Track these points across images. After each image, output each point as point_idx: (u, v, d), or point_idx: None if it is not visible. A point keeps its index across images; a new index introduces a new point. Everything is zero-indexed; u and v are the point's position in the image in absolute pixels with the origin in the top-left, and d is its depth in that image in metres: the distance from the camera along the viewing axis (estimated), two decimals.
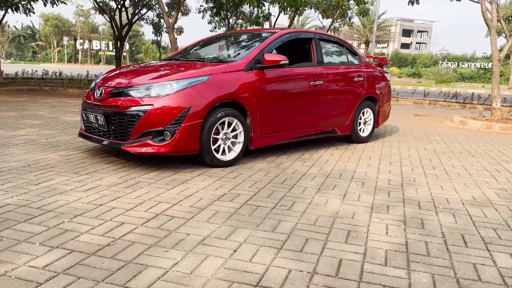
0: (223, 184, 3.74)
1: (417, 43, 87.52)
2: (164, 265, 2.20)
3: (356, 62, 6.08)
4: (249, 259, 2.31)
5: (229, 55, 5.19)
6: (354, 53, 6.10)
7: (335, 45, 5.89)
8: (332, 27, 18.61)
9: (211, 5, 17.55)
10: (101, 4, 19.32)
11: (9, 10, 17.45)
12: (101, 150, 4.91)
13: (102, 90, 4.28)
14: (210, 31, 20.70)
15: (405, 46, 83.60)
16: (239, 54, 4.88)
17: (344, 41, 6.06)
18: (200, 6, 18.65)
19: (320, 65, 5.37)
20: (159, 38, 23.92)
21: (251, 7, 17.52)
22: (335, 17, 16.91)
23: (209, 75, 4.22)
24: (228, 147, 4.42)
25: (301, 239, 2.61)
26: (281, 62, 4.59)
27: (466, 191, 3.88)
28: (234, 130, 4.43)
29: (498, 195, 3.80)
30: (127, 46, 56.50)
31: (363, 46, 54.37)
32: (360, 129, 6.14)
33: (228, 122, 4.35)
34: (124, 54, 53.65)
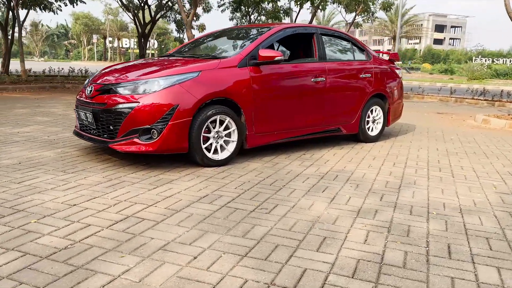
0: (209, 185, 3.61)
1: (450, 38, 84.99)
2: (114, 271, 2.09)
3: (363, 57, 5.82)
4: (207, 267, 2.17)
5: (225, 51, 5.05)
6: (361, 49, 5.85)
7: (340, 40, 5.66)
8: (355, 22, 18.19)
9: (231, 0, 17.49)
10: (125, 2, 19.54)
11: (38, 9, 17.91)
12: (97, 148, 4.88)
13: (92, 87, 4.23)
14: None
15: (438, 42, 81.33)
16: (235, 50, 4.73)
17: (350, 36, 5.81)
18: (220, 0, 18.49)
19: (322, 61, 5.16)
20: (181, 36, 24.03)
21: (271, 3, 17.37)
22: (357, 12, 16.50)
23: (199, 71, 4.09)
24: (221, 146, 4.29)
25: (270, 245, 2.45)
26: (276, 58, 4.42)
27: (468, 195, 3.62)
28: (227, 128, 4.30)
29: (503, 200, 3.52)
30: (155, 43, 57.17)
31: (386, 42, 53.09)
32: (368, 128, 5.89)
33: (220, 120, 4.21)
34: (153, 51, 54.34)
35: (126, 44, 61.34)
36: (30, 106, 8.63)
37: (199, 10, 21.02)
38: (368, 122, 5.87)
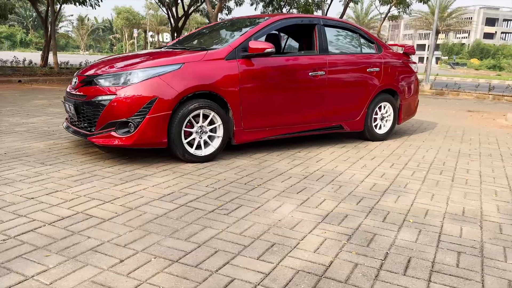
0: (180, 182, 3.47)
1: (502, 32, 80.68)
2: (29, 272, 1.99)
3: (371, 50, 5.49)
4: (128, 272, 2.03)
5: (222, 42, 4.86)
6: (371, 41, 5.51)
7: (346, 32, 5.34)
8: (391, 15, 17.51)
9: None
10: None
11: (77, 4, 18.39)
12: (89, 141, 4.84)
13: (77, 78, 4.18)
14: None
15: (488, 36, 77.39)
16: (226, 41, 4.55)
17: (358, 27, 5.48)
18: None
19: (323, 53, 4.88)
20: None
21: None
22: (392, 3, 15.84)
23: (182, 63, 3.95)
24: (205, 141, 4.13)
25: (210, 250, 2.28)
26: (266, 50, 4.20)
27: (460, 202, 3.28)
28: (212, 123, 4.14)
29: (498, 209, 3.17)
30: None
31: (432, 36, 50.99)
32: (376, 126, 5.56)
33: (204, 114, 4.06)
34: None
35: (166, 39, 62.38)
36: (49, 98, 8.82)
37: (231, 3, 20.93)
38: (375, 119, 5.54)
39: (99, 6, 20.46)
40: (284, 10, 19.41)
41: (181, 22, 20.22)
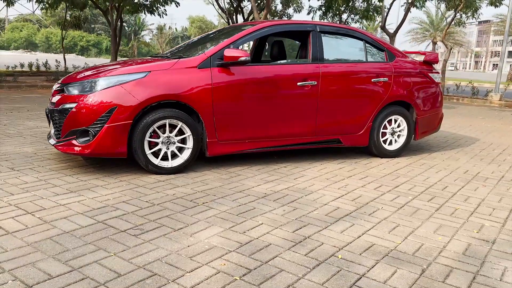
0: (124, 195, 3.32)
1: None
2: None
3: (379, 59, 4.97)
4: None
5: (199, 51, 4.61)
6: (379, 48, 5.00)
7: (348, 38, 4.89)
8: (457, 20, 16.19)
9: (321, 3, 16.87)
10: (221, 6, 20.04)
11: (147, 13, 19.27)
12: (69, 161, 4.87)
13: (55, 86, 4.22)
14: None
15: None
16: (208, 49, 4.33)
17: (364, 33, 4.99)
18: (310, 7, 18.01)
19: (316, 62, 4.49)
20: None
21: (364, 2, 16.31)
22: (458, 8, 14.61)
23: (147, 72, 3.82)
24: (174, 152, 3.96)
25: (78, 276, 2.08)
26: (240, 59, 3.93)
27: (424, 237, 2.78)
28: (183, 133, 3.96)
29: (467, 248, 2.63)
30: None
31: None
32: (384, 141, 5.03)
33: (172, 124, 3.89)
34: None
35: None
36: None
37: (290, 10, 20.71)
38: (384, 134, 5.01)
39: (166, 15, 21.20)
40: (343, 17, 18.80)
41: None
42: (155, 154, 3.91)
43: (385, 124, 4.98)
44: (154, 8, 18.91)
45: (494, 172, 4.63)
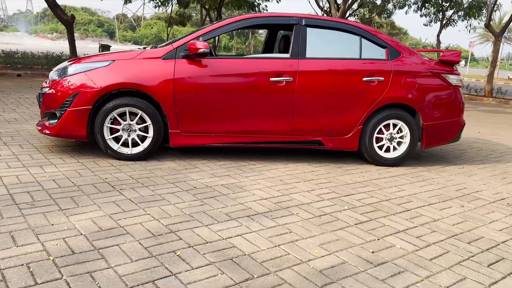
0: (61, 174, 3.54)
1: None
2: None
3: (378, 56, 4.53)
4: None
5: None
6: (380, 45, 4.54)
7: (341, 33, 4.50)
8: None
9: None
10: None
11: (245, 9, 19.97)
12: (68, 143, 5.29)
13: None
14: (424, 25, 18.47)
15: None
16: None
17: (361, 27, 4.55)
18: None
19: (295, 57, 4.27)
20: None
21: None
22: None
23: (111, 61, 4.03)
24: (135, 140, 4.12)
25: None
26: (200, 51, 3.92)
27: (300, 248, 2.53)
28: (144, 122, 4.11)
29: (332, 267, 2.33)
30: None
31: None
32: (380, 147, 4.58)
33: (134, 113, 4.05)
34: None
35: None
36: None
37: (390, 5, 19.60)
38: (379, 139, 4.56)
39: (266, 11, 21.66)
40: (447, 14, 17.23)
41: None
42: (118, 140, 4.10)
43: (381, 128, 4.54)
44: (255, 4, 19.44)
45: (500, 193, 3.94)
